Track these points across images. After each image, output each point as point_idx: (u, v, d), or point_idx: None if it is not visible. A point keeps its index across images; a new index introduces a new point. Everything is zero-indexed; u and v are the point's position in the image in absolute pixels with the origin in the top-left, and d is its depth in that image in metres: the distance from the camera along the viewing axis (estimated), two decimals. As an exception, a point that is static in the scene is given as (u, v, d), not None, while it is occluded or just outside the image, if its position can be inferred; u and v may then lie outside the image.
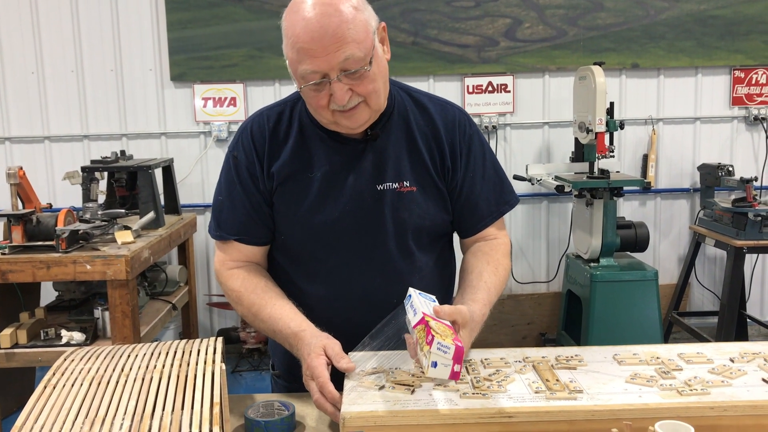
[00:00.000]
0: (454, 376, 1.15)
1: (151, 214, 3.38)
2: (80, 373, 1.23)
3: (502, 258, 1.57)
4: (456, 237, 1.66)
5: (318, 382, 1.26)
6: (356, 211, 1.49)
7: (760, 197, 3.87)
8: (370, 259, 1.51)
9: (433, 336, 1.14)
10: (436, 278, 1.60)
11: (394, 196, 1.50)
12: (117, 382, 1.18)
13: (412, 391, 1.19)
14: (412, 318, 1.24)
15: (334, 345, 1.32)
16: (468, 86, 4.24)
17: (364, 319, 1.40)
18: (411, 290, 1.34)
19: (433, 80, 4.26)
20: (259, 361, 4.23)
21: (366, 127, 1.46)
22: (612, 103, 3.80)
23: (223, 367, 1.22)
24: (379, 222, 1.50)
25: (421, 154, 1.52)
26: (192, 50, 4.17)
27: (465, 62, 4.20)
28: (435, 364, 1.14)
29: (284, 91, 4.25)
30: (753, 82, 4.32)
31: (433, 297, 1.34)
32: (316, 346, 1.32)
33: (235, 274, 1.55)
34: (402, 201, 1.50)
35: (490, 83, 4.24)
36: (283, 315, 1.45)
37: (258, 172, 1.52)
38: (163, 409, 1.09)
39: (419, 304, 1.27)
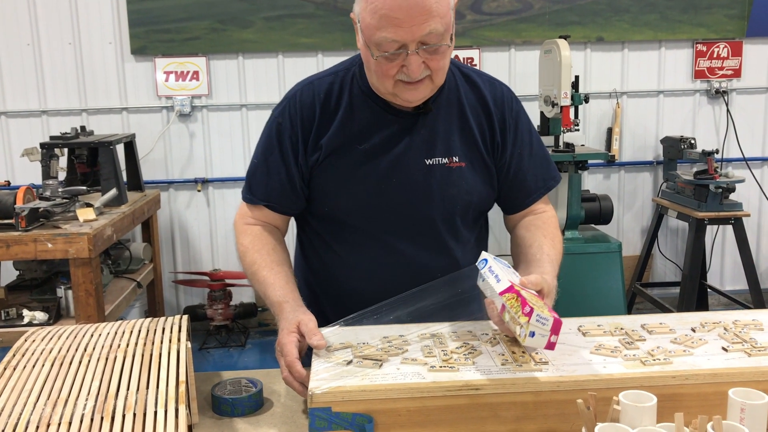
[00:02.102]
0: (550, 346, 1.17)
1: (113, 191, 3.32)
2: (42, 353, 1.21)
3: (556, 231, 1.58)
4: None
5: (286, 360, 1.25)
6: (404, 184, 1.48)
7: (721, 169, 3.94)
8: (416, 232, 1.51)
9: (531, 308, 1.16)
10: (476, 253, 1.59)
11: (443, 171, 1.49)
12: (80, 362, 1.16)
13: (380, 366, 1.19)
14: (495, 284, 1.25)
15: (308, 321, 1.30)
16: (434, 60, 4.21)
17: (407, 291, 1.41)
18: (485, 254, 1.35)
19: (399, 54, 4.22)
20: (227, 338, 4.22)
21: (422, 101, 1.45)
22: (577, 77, 3.82)
23: (189, 345, 1.21)
24: (427, 196, 1.49)
25: (471, 129, 1.51)
26: (152, 23, 4.08)
27: (431, 35, 4.17)
28: (533, 334, 1.16)
29: (248, 64, 4.19)
30: (715, 55, 4.37)
31: (506, 262, 1.36)
32: (291, 322, 1.31)
33: (250, 230, 1.54)
34: (451, 176, 1.49)
35: (456, 56, 4.21)
36: (275, 281, 1.43)
37: (300, 142, 1.50)
38: (128, 389, 1.07)
39: (500, 269, 1.29)
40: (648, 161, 4.49)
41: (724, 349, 1.23)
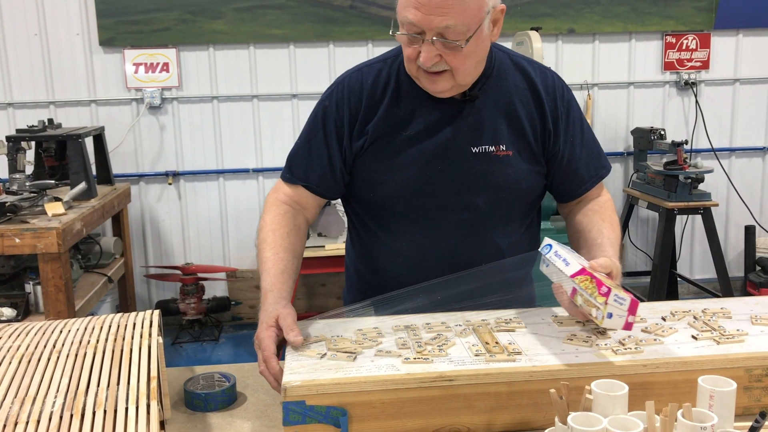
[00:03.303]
0: (628, 326, 1.17)
1: (82, 185, 3.27)
2: (9, 350, 1.18)
3: (614, 214, 1.57)
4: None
5: (264, 354, 1.25)
6: (450, 172, 1.48)
7: (690, 160, 3.99)
8: (462, 221, 1.50)
9: (609, 288, 1.16)
10: (525, 244, 1.59)
11: (490, 159, 1.48)
12: (48, 359, 1.14)
13: (354, 358, 1.19)
14: (564, 267, 1.26)
15: (287, 316, 1.29)
16: (407, 51, 4.21)
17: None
18: (549, 240, 1.36)
19: (372, 45, 4.21)
20: (200, 332, 4.19)
21: (449, 95, 1.44)
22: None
23: (160, 340, 1.19)
24: (472, 184, 1.49)
25: (519, 117, 1.50)
26: (121, 14, 4.02)
27: (403, 27, 4.16)
28: (611, 315, 1.16)
29: (219, 56, 4.15)
30: (684, 47, 4.43)
31: (569, 247, 1.37)
32: (270, 315, 1.30)
33: (276, 208, 1.54)
34: (498, 164, 1.49)
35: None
36: (271, 266, 1.43)
37: (346, 128, 1.50)
38: (98, 385, 1.05)
39: (567, 253, 1.30)
40: (619, 152, 4.53)
41: (693, 337, 1.25)
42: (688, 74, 4.44)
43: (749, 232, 4.51)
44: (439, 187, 1.48)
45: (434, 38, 1.32)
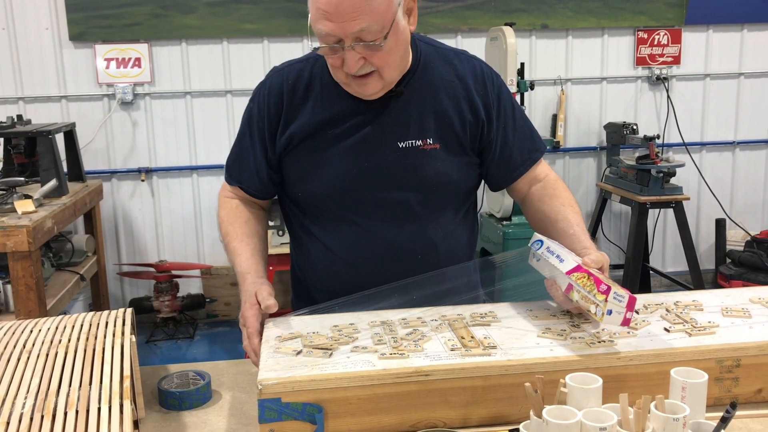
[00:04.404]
0: (626, 322, 1.18)
1: (53, 182, 3.22)
2: (-23, 351, 1.16)
3: (569, 194, 1.56)
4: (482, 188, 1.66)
5: (247, 331, 1.31)
6: (378, 168, 1.48)
7: (662, 154, 4.04)
8: (393, 215, 1.51)
9: (609, 286, 1.18)
10: (459, 234, 1.60)
11: (417, 153, 1.48)
12: (18, 360, 1.13)
13: (330, 355, 1.18)
14: (558, 264, 1.28)
15: (262, 290, 1.35)
16: (381, 47, 4.21)
17: (388, 274, 1.44)
18: (538, 235, 1.38)
19: (346, 40, 4.20)
20: (174, 330, 4.15)
21: (380, 95, 1.44)
22: (522, 64, 3.86)
23: (133, 338, 1.18)
24: (402, 179, 1.49)
25: (445, 110, 1.50)
26: (91, 8, 3.96)
27: (378, 22, 4.16)
28: (610, 312, 1.17)
29: (191, 51, 4.11)
30: (655, 42, 4.47)
31: (556, 241, 1.39)
32: (250, 294, 1.36)
33: (227, 203, 1.60)
34: (425, 158, 1.49)
35: (403, 44, 4.22)
36: (242, 252, 1.48)
37: (267, 129, 1.52)
38: (70, 385, 1.04)
39: (559, 249, 1.31)
40: (592, 147, 4.57)
41: (666, 329, 1.26)
42: (659, 69, 4.49)
43: (720, 225, 4.58)
44: (367, 183, 1.48)
45: (353, 44, 1.31)
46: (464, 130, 1.51)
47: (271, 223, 3.37)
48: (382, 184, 1.49)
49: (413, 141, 1.48)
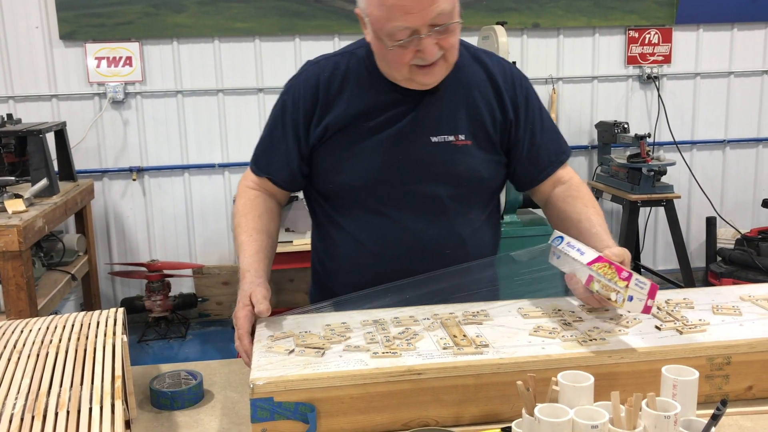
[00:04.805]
0: (647, 310, 1.21)
1: (44, 181, 3.20)
2: (-32, 351, 1.15)
3: (592, 197, 1.60)
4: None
5: (238, 332, 1.31)
6: (411, 161, 1.49)
7: (653, 153, 4.05)
8: (424, 210, 1.52)
9: (630, 273, 1.21)
10: (487, 231, 1.62)
11: (449, 148, 1.50)
12: (9, 360, 1.12)
13: (322, 354, 1.18)
14: (579, 256, 1.30)
15: (257, 292, 1.35)
16: (373, 45, 4.21)
17: (416, 269, 1.45)
18: (558, 232, 1.41)
19: (339, 39, 4.20)
20: (166, 330, 4.14)
21: (438, 82, 1.45)
22: (514, 63, 3.85)
23: (125, 338, 1.17)
24: (434, 173, 1.50)
25: (478, 108, 1.52)
26: (81, 6, 3.94)
27: (369, 21, 4.16)
28: (631, 298, 1.20)
29: (183, 50, 4.10)
30: (646, 42, 4.49)
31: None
32: (245, 295, 1.36)
33: (246, 193, 1.59)
34: (457, 154, 1.50)
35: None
36: (247, 248, 1.48)
37: (302, 122, 1.51)
38: (61, 386, 1.04)
39: (579, 243, 1.34)
40: (583, 145, 4.58)
41: (657, 327, 1.27)
42: (650, 68, 4.51)
43: (710, 223, 4.60)
44: (399, 176, 1.49)
45: (429, 31, 1.32)
46: (494, 128, 1.53)
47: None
48: (414, 177, 1.50)
49: (446, 136, 1.50)
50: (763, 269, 4.20)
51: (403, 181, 1.50)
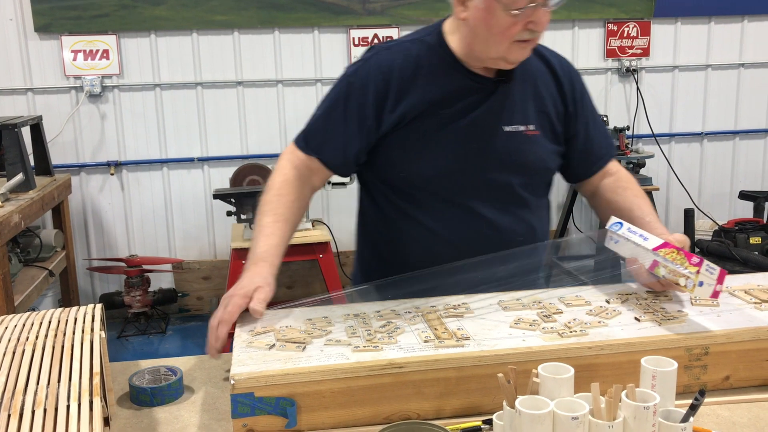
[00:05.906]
0: (715, 295, 1.21)
1: (19, 176, 3.16)
2: (-58, 349, 1.14)
3: (640, 188, 1.65)
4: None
5: (222, 316, 1.28)
6: (484, 150, 1.50)
7: (632, 145, 4.08)
8: (496, 198, 1.53)
9: (701, 258, 1.22)
10: (546, 220, 1.67)
11: (521, 138, 1.52)
12: (-16, 358, 1.10)
13: (303, 348, 1.18)
14: (643, 242, 1.33)
15: (262, 292, 1.32)
16: (354, 38, 4.19)
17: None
18: (615, 218, 1.44)
19: (318, 32, 4.18)
20: (146, 325, 4.11)
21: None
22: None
23: (103, 334, 1.16)
24: (506, 163, 1.51)
25: (542, 98, 1.55)
26: (57, -1, 3.89)
27: (350, 14, 4.14)
28: (701, 284, 1.21)
29: (161, 42, 4.05)
30: (625, 35, 4.51)
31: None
32: (252, 284, 1.33)
33: (288, 172, 1.53)
34: (528, 143, 1.52)
35: (375, 35, 4.21)
36: (269, 233, 1.43)
37: (372, 107, 1.48)
38: (38, 383, 1.02)
39: (639, 229, 1.38)
40: (563, 138, 4.59)
41: (636, 319, 1.27)
42: (629, 61, 4.53)
43: (688, 215, 4.64)
44: (474, 165, 1.51)
45: (545, 3, 1.35)
46: (558, 119, 1.57)
47: (243, 216, 3.35)
48: (488, 167, 1.51)
49: (517, 126, 1.52)
50: (740, 260, 4.24)
51: (478, 171, 1.51)
